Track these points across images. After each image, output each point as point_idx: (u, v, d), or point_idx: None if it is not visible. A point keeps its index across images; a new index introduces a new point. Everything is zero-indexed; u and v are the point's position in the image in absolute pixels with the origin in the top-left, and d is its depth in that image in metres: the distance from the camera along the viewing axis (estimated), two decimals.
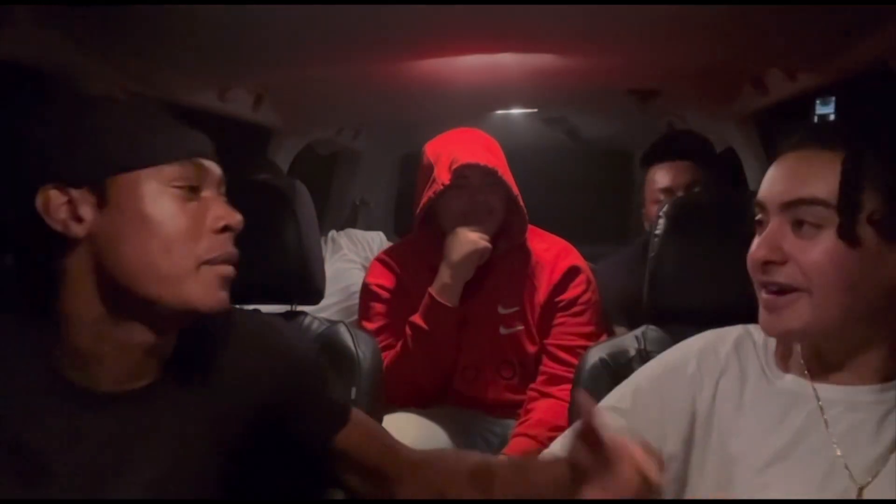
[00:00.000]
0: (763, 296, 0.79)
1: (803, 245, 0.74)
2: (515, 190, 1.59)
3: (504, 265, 1.65)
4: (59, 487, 0.75)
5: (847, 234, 0.72)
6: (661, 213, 1.25)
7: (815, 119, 1.54)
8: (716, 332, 0.93)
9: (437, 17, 1.08)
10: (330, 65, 1.38)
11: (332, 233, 2.36)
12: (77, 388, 0.77)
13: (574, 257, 1.70)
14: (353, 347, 1.35)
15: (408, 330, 1.60)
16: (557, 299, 1.65)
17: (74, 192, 0.73)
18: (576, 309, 1.65)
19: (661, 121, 2.35)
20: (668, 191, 1.89)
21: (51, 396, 0.76)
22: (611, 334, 1.72)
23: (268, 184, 1.45)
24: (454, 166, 1.54)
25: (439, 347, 1.60)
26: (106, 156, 0.74)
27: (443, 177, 1.55)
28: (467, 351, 1.64)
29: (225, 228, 0.78)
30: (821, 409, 0.80)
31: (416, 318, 1.59)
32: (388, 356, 1.60)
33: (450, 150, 1.58)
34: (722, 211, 1.19)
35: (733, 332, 0.91)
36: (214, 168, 0.80)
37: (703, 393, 0.87)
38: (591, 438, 0.72)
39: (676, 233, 1.23)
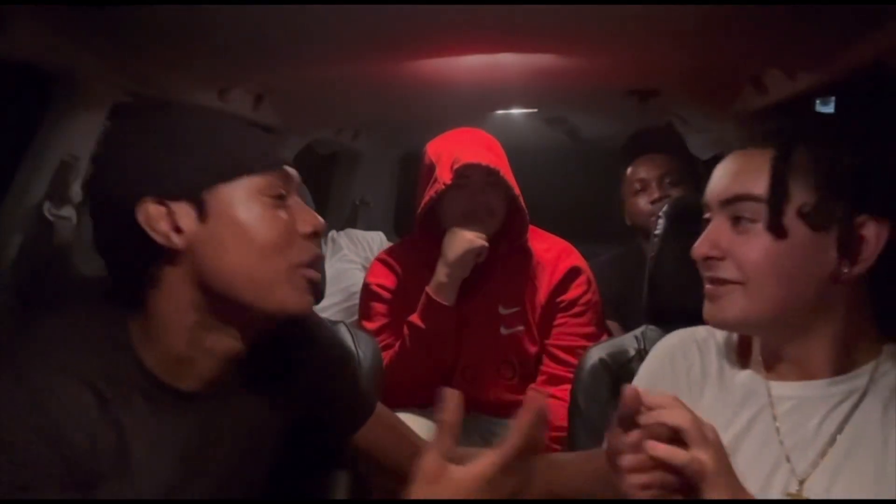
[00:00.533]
0: (706, 287, 0.83)
1: (740, 241, 0.78)
2: (517, 190, 1.59)
3: (505, 265, 1.65)
4: (135, 479, 0.79)
5: (774, 226, 0.75)
6: (661, 213, 1.25)
7: None
8: (682, 332, 0.96)
9: (438, 17, 1.08)
10: (330, 65, 1.38)
11: (333, 233, 2.36)
12: (165, 387, 0.81)
13: (575, 258, 1.70)
14: (353, 347, 1.35)
15: (406, 329, 1.60)
16: (558, 300, 1.65)
17: (173, 205, 0.76)
18: (576, 309, 1.65)
19: (661, 121, 2.34)
20: (643, 181, 1.93)
21: (140, 392, 0.80)
22: (610, 334, 1.72)
23: None
24: (456, 166, 1.54)
25: (437, 347, 1.60)
26: (202, 169, 0.78)
27: (444, 176, 1.55)
28: (467, 351, 1.64)
29: (313, 233, 0.82)
30: (771, 404, 0.82)
31: (414, 318, 1.59)
32: (388, 356, 1.61)
33: (451, 150, 1.58)
34: None
35: (699, 331, 0.94)
36: (295, 175, 0.85)
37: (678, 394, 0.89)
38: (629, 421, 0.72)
39: (676, 233, 1.23)
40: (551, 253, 1.69)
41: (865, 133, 0.76)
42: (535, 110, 2.26)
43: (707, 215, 0.84)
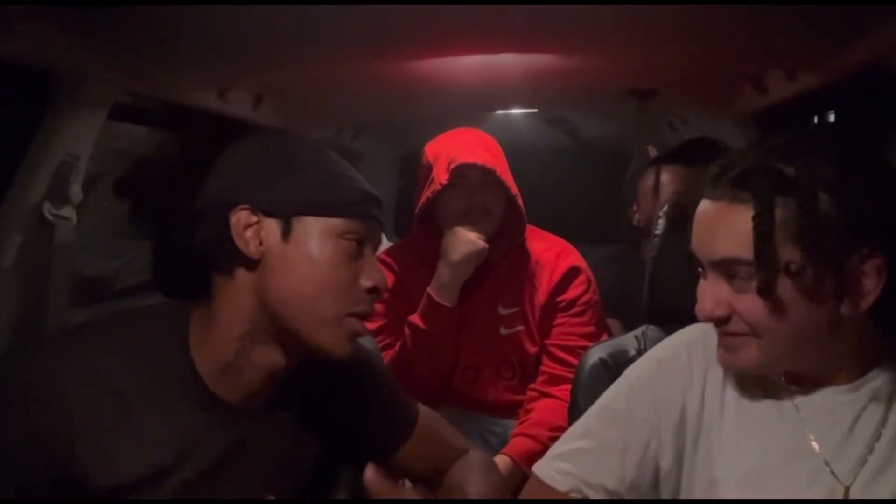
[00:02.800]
0: (718, 334, 0.81)
1: (741, 299, 0.76)
2: (514, 190, 1.59)
3: (504, 266, 1.65)
4: (175, 483, 0.82)
5: (766, 291, 0.73)
6: (660, 214, 1.25)
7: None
8: (703, 325, 0.93)
9: (437, 17, 1.08)
10: (330, 65, 1.38)
11: None
12: (212, 397, 0.84)
13: (574, 257, 1.70)
14: None
15: (406, 330, 1.60)
16: (558, 300, 1.65)
17: (264, 219, 0.82)
18: (576, 309, 1.65)
19: (661, 121, 2.34)
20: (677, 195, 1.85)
21: (188, 399, 0.83)
22: (610, 334, 1.72)
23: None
24: (452, 166, 1.54)
25: (438, 347, 1.60)
26: (298, 196, 0.83)
27: (441, 176, 1.55)
28: (467, 351, 1.64)
29: (373, 289, 0.85)
30: (797, 412, 0.82)
31: (415, 318, 1.59)
32: (387, 356, 1.61)
33: (449, 150, 1.58)
34: None
35: (708, 332, 0.91)
36: (379, 230, 0.89)
37: (693, 389, 0.89)
38: None
39: (676, 233, 1.23)
40: (551, 253, 1.69)
41: (841, 174, 0.73)
42: (535, 110, 2.26)
43: (700, 268, 0.82)
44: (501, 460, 1.51)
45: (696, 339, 0.92)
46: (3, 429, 0.78)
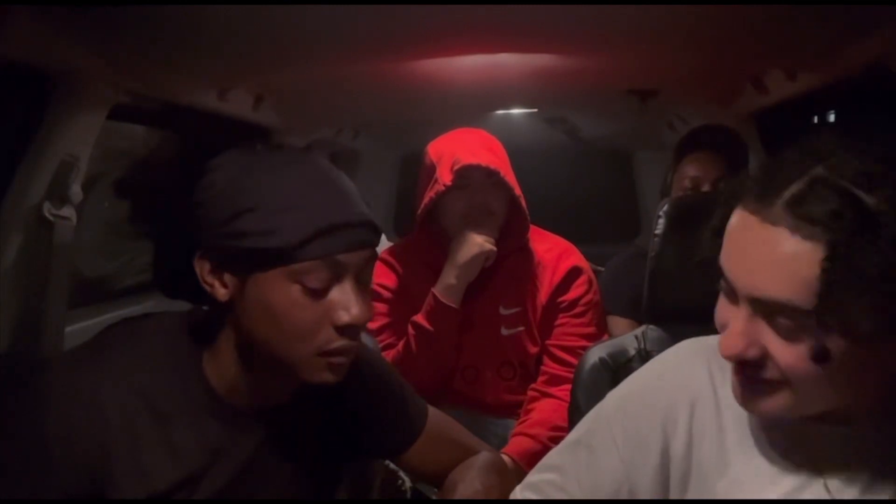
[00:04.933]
0: (739, 375, 0.68)
1: (782, 345, 0.63)
2: (518, 191, 1.59)
3: (506, 266, 1.65)
4: (206, 491, 0.85)
5: (821, 356, 0.60)
6: (660, 213, 1.25)
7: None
8: (689, 346, 0.85)
9: (438, 17, 1.08)
10: (330, 65, 1.38)
11: None
12: (227, 406, 0.87)
13: (576, 258, 1.70)
14: None
15: (411, 329, 1.60)
16: (559, 300, 1.65)
17: (216, 269, 0.81)
18: (577, 310, 1.65)
19: (661, 121, 2.35)
20: (695, 179, 1.82)
21: (207, 410, 0.86)
22: (611, 334, 1.72)
23: None
24: (456, 167, 1.54)
25: (442, 348, 1.60)
26: (248, 254, 0.78)
27: (445, 177, 1.55)
28: (468, 351, 1.64)
29: (348, 326, 0.81)
30: (814, 461, 0.72)
31: (420, 319, 1.59)
32: (389, 355, 1.61)
33: (452, 151, 1.58)
34: None
35: (708, 346, 0.81)
36: (356, 259, 0.81)
37: (678, 432, 0.79)
38: None
39: (676, 233, 1.23)
40: (552, 253, 1.69)
41: None
42: (535, 110, 2.26)
43: (724, 284, 0.68)
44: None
45: (679, 369, 0.83)
46: (37, 435, 0.78)
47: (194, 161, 0.88)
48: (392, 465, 1.48)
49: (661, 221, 1.25)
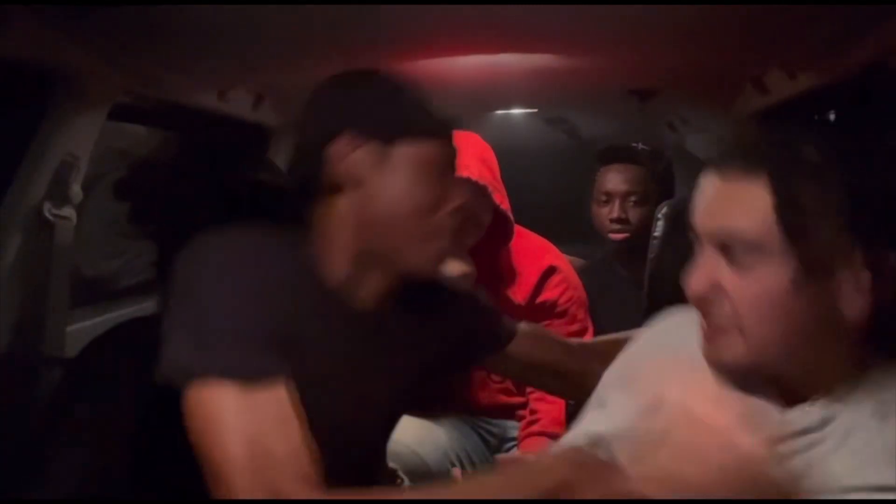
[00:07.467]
0: (701, 325, 0.75)
1: (735, 280, 0.70)
2: (505, 205, 1.58)
3: (484, 269, 1.65)
4: (318, 381, 0.85)
5: (798, 277, 0.67)
6: (659, 216, 1.26)
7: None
8: (678, 313, 0.90)
9: (437, 17, 1.08)
10: (330, 65, 1.38)
11: None
12: (342, 304, 0.90)
13: (552, 257, 1.69)
14: None
15: None
16: (538, 301, 1.65)
17: (364, 145, 0.86)
18: (558, 310, 1.65)
19: (661, 121, 2.34)
20: (609, 194, 1.93)
21: (321, 308, 0.89)
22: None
23: (268, 183, 1.44)
24: None
25: None
26: (398, 118, 0.87)
27: None
28: None
29: (459, 208, 0.89)
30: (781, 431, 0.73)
31: None
32: None
33: None
34: None
35: (685, 320, 0.84)
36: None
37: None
38: None
39: (676, 234, 1.23)
40: (528, 253, 1.68)
41: (868, 164, 0.67)
42: (535, 110, 2.26)
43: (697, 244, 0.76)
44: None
45: (671, 329, 0.89)
46: (225, 289, 0.80)
47: (194, 161, 0.88)
48: (392, 464, 1.49)
49: (661, 224, 1.25)
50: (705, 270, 0.72)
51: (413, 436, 1.57)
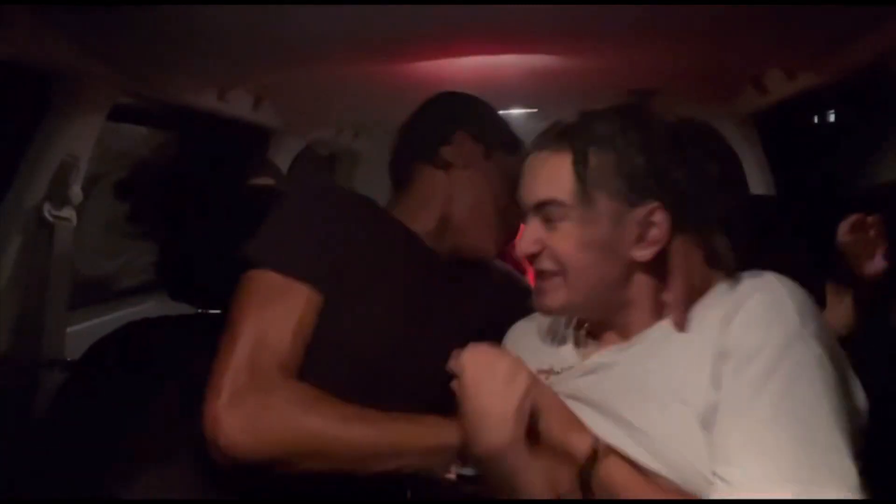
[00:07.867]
0: (533, 282, 0.92)
1: (553, 236, 0.86)
2: None
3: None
4: (406, 315, 1.01)
5: (596, 230, 0.84)
6: None
7: None
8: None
9: (438, 17, 1.08)
10: (330, 65, 1.38)
11: None
12: (420, 245, 1.08)
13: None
14: None
15: None
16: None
17: (472, 142, 1.09)
18: None
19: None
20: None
21: (415, 256, 1.07)
22: None
23: (268, 189, 1.45)
24: None
25: None
26: (498, 133, 1.13)
27: None
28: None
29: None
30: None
31: None
32: None
33: None
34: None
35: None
36: None
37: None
38: None
39: None
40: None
41: (647, 135, 0.85)
42: (535, 110, 2.26)
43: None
44: None
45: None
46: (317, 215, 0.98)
47: (194, 161, 0.88)
48: None
49: None
50: (531, 233, 0.88)
51: None
